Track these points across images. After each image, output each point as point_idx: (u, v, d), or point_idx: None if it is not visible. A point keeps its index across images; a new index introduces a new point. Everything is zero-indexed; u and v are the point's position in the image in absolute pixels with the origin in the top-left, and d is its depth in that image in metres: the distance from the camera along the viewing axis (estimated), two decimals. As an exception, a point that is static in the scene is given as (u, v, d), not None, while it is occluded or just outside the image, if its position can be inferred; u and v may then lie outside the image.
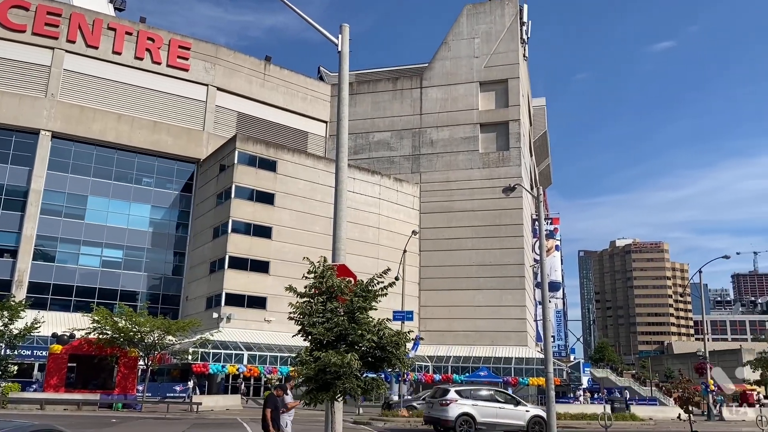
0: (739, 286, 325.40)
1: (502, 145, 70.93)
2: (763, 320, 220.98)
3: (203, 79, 68.82)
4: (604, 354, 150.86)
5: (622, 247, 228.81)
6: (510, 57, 72.92)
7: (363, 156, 73.26)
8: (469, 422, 25.92)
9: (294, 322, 12.12)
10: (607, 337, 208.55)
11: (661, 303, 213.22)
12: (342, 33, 14.74)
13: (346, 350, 11.20)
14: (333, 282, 11.76)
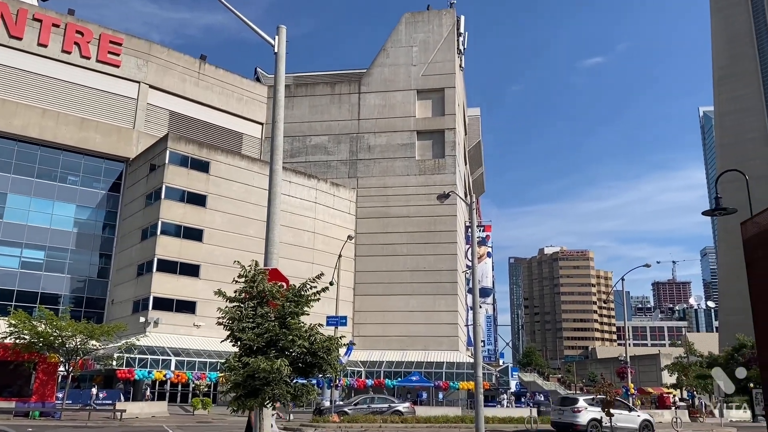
0: (659, 293, 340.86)
1: (438, 152, 71.90)
2: (680, 326, 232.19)
3: (135, 76, 66.71)
4: (531, 358, 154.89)
5: (550, 254, 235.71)
6: (447, 66, 74.08)
7: (300, 159, 72.73)
8: (597, 426, 29.72)
9: (223, 328, 11.88)
10: (535, 342, 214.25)
11: (586, 309, 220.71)
12: (279, 34, 14.60)
13: (276, 356, 11.03)
14: (264, 286, 11.57)
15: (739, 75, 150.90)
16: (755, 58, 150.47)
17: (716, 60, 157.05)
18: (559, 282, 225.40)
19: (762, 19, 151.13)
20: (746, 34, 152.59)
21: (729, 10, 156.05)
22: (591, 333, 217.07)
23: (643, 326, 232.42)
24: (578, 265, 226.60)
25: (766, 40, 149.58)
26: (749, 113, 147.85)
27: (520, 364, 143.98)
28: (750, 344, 56.10)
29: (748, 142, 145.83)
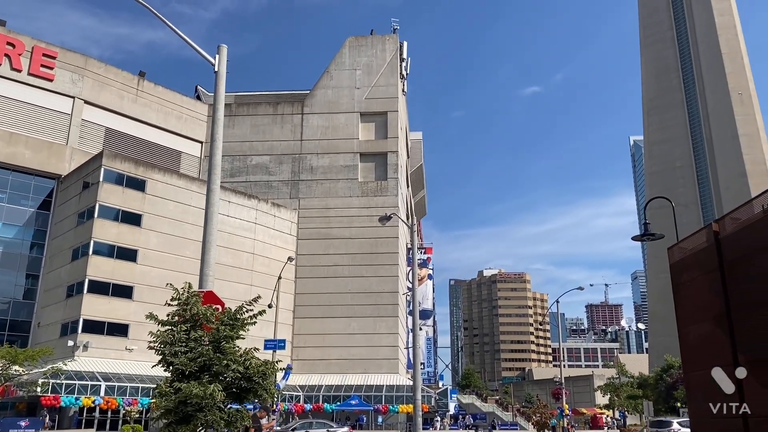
0: (592, 315, 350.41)
1: (381, 174, 72.30)
2: (613, 348, 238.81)
3: (69, 90, 64.55)
4: (470, 380, 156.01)
5: (489, 276, 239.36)
6: (390, 90, 74.90)
7: (240, 179, 71.74)
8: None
9: (155, 352, 11.47)
10: (474, 364, 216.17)
11: (523, 331, 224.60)
12: (220, 53, 14.47)
13: (210, 381, 10.72)
14: (198, 309, 11.27)
15: (666, 106, 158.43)
16: (681, 90, 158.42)
17: (645, 92, 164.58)
18: (497, 304, 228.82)
19: (687, 54, 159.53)
20: (673, 69, 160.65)
21: (656, 45, 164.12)
22: (528, 354, 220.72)
23: (578, 347, 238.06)
24: (516, 287, 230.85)
25: (690, 74, 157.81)
26: (676, 143, 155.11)
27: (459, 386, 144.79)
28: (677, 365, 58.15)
29: (675, 170, 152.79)
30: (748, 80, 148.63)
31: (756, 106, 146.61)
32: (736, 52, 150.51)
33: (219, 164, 13.54)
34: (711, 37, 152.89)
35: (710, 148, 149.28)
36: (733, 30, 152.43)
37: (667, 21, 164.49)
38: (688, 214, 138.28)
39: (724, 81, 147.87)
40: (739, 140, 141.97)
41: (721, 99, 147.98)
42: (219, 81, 14.18)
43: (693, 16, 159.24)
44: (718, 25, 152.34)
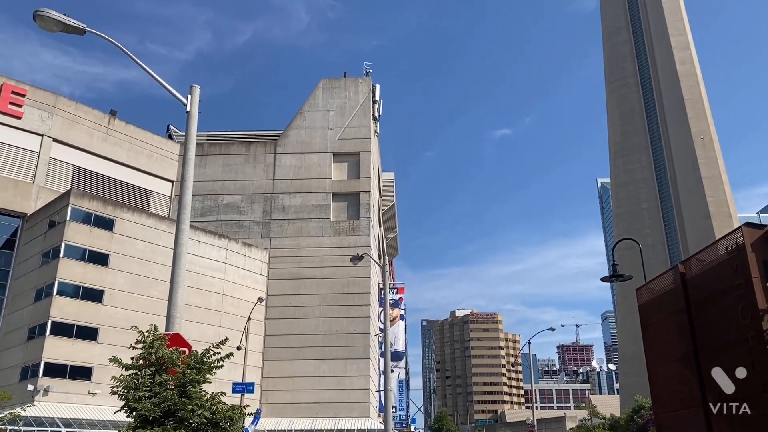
0: (564, 356, 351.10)
1: (353, 214, 72.35)
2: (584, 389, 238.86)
3: (38, 128, 63.77)
4: (443, 423, 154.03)
5: (461, 317, 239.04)
6: (362, 131, 75.59)
7: (211, 218, 71.11)
8: None
9: (118, 397, 11.11)
10: (447, 406, 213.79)
11: (496, 372, 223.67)
12: (192, 94, 14.49)
13: (175, 427, 10.38)
14: (163, 353, 10.98)
15: (632, 149, 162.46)
16: (646, 134, 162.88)
17: (611, 135, 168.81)
18: (469, 345, 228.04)
19: (651, 100, 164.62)
20: (638, 113, 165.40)
21: (621, 91, 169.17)
22: (500, 396, 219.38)
23: (550, 389, 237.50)
24: (488, 328, 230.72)
25: (654, 119, 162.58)
26: (642, 185, 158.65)
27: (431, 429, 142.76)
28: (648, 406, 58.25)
29: (642, 212, 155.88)
30: (709, 125, 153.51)
31: (717, 150, 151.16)
32: (697, 98, 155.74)
33: (189, 204, 13.42)
34: (673, 83, 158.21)
35: (675, 190, 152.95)
36: (694, 77, 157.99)
37: (631, 68, 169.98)
38: (655, 255, 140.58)
39: (687, 126, 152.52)
40: (702, 183, 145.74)
41: (684, 143, 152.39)
42: (191, 121, 14.16)
43: (656, 63, 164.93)
44: (679, 72, 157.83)
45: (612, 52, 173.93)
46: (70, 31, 13.23)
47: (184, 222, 13.04)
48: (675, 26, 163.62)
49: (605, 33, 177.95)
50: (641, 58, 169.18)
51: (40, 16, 12.62)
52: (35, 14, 12.58)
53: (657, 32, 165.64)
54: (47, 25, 12.78)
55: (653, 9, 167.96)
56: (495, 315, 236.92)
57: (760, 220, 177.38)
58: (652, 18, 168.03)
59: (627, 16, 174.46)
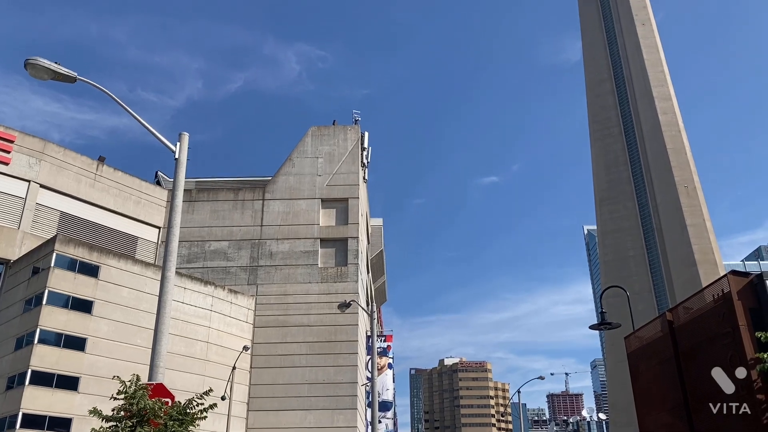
0: (554, 405, 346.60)
1: (341, 260, 72.10)
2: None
3: (25, 174, 63.62)
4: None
5: (450, 365, 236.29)
6: (351, 178, 76.05)
7: (197, 265, 70.55)
8: None
9: (96, 450, 10.79)
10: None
11: (485, 423, 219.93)
12: (181, 141, 14.56)
13: (155, 481, 10.07)
14: (145, 404, 10.73)
15: (617, 197, 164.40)
16: (631, 182, 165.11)
17: (597, 183, 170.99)
18: (458, 394, 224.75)
19: (635, 149, 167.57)
20: (622, 162, 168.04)
21: (605, 140, 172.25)
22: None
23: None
24: (477, 376, 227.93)
25: (639, 167, 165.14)
26: (628, 232, 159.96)
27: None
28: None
29: (628, 259, 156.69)
30: (692, 173, 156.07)
31: (701, 198, 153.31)
32: (680, 147, 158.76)
33: (175, 251, 13.34)
34: (656, 133, 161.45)
35: (661, 238, 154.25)
36: (676, 127, 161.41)
37: (614, 117, 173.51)
38: (642, 302, 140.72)
39: (671, 174, 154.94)
40: (687, 230, 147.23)
41: (668, 191, 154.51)
42: (179, 168, 14.20)
43: (639, 113, 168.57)
44: (662, 122, 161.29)
45: (595, 102, 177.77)
46: (61, 79, 13.34)
47: (170, 269, 12.92)
48: (656, 77, 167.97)
49: (588, 84, 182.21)
50: (624, 108, 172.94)
51: (31, 65, 12.73)
52: (26, 62, 12.70)
53: (639, 83, 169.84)
54: (38, 73, 12.88)
55: (635, 61, 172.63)
56: (484, 363, 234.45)
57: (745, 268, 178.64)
58: (633, 70, 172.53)
59: (610, 68, 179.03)
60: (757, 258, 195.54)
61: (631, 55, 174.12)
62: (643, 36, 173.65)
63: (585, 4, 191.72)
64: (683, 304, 11.45)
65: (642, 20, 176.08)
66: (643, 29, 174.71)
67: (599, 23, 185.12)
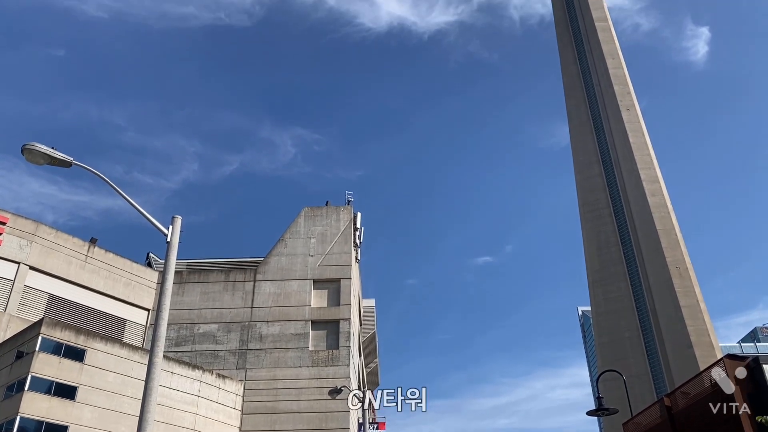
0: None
1: (332, 343, 70.89)
2: None
3: (16, 256, 63.27)
4: None
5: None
6: (343, 258, 75.99)
7: (186, 348, 69.15)
8: None
9: None
10: None
11: None
12: (173, 224, 14.63)
13: None
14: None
15: (610, 278, 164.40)
16: (623, 263, 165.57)
17: (589, 264, 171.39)
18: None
19: (625, 230, 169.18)
20: (613, 243, 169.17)
21: (595, 222, 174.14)
22: None
23: None
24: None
25: (630, 248, 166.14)
26: (622, 314, 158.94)
27: None
28: None
29: (624, 341, 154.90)
30: (683, 254, 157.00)
31: (693, 279, 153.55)
32: (669, 228, 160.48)
33: (163, 336, 13.13)
34: (645, 214, 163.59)
35: (655, 319, 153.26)
36: (665, 208, 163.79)
37: (604, 199, 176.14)
38: (640, 385, 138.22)
39: (662, 255, 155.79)
40: (681, 311, 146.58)
41: (660, 272, 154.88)
42: (170, 251, 14.19)
43: (627, 195, 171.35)
44: (650, 204, 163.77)
45: (584, 184, 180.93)
46: (57, 164, 13.54)
47: (157, 355, 12.67)
48: (643, 160, 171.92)
49: (577, 166, 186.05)
50: (613, 190, 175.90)
51: (28, 150, 12.95)
52: (24, 148, 12.92)
53: (626, 166, 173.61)
54: (34, 158, 13.07)
55: (621, 145, 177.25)
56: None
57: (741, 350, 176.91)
58: (621, 153, 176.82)
59: (597, 151, 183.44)
60: (753, 339, 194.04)
61: (618, 139, 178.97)
62: (629, 120, 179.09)
63: (570, 90, 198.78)
64: (681, 389, 11.25)
65: (627, 106, 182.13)
66: (628, 114, 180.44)
67: (585, 109, 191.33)
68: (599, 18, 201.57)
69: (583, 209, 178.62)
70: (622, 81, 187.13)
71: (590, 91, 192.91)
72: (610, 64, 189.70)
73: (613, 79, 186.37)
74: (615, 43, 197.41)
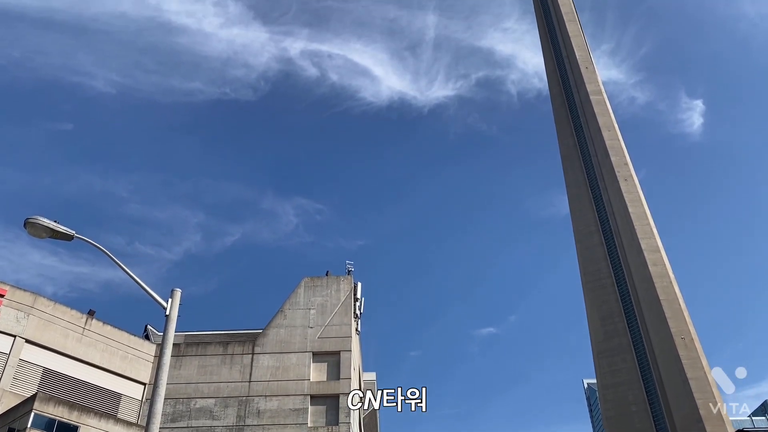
0: None
1: (332, 419, 68.98)
2: None
3: (12, 329, 62.50)
4: None
5: None
6: (343, 330, 75.02)
7: (182, 424, 67.25)
8: None
9: None
10: None
11: None
12: (173, 297, 14.54)
13: None
14: None
15: (615, 350, 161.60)
16: (627, 334, 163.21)
17: (593, 336, 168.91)
18: None
19: (628, 299, 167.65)
20: (617, 313, 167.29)
21: (598, 292, 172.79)
22: None
23: None
24: None
25: (634, 319, 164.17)
26: (629, 386, 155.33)
27: None
28: None
29: (632, 414, 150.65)
30: (688, 325, 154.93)
31: (699, 350, 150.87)
32: (672, 298, 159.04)
33: (159, 413, 12.82)
34: (648, 284, 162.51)
35: (662, 392, 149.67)
36: (668, 278, 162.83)
37: (605, 269, 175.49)
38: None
39: (666, 325, 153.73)
40: (689, 384, 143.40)
41: (665, 343, 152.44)
42: (169, 325, 14.05)
43: (629, 265, 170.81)
44: (652, 273, 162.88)
45: (585, 254, 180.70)
46: (59, 237, 13.59)
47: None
48: (643, 230, 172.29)
49: (577, 236, 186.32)
50: (614, 260, 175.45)
51: (30, 224, 13.03)
52: (26, 222, 13.01)
53: (626, 236, 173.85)
54: (37, 232, 13.15)
55: (620, 215, 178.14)
56: None
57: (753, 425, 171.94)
58: (620, 223, 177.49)
59: (597, 221, 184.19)
60: (764, 413, 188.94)
61: (617, 209, 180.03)
62: (627, 191, 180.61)
63: (568, 161, 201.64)
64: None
65: (624, 176, 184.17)
66: (626, 184, 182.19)
67: (583, 179, 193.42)
68: (594, 91, 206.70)
69: (585, 279, 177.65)
70: (619, 152, 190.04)
71: (588, 162, 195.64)
72: (606, 136, 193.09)
73: (610, 151, 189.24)
74: (610, 115, 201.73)
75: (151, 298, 14.36)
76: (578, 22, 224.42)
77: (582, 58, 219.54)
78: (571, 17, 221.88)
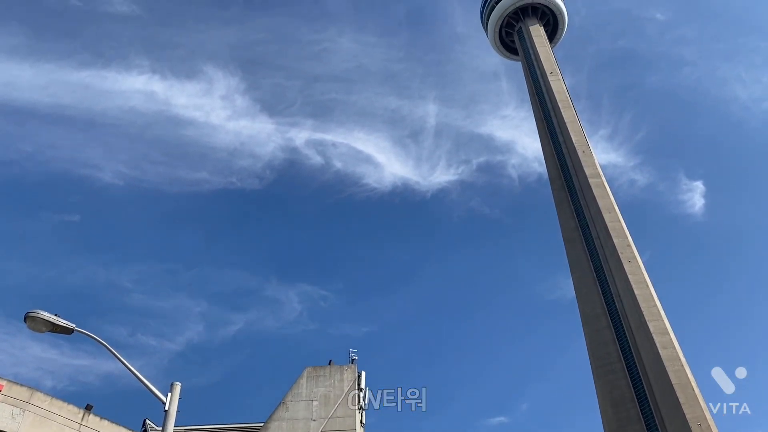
0: None
1: None
2: None
3: (7, 426, 60.34)
4: None
5: None
6: (347, 422, 72.49)
7: None
8: None
9: None
10: None
11: None
12: (172, 391, 14.22)
13: None
14: None
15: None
16: (641, 421, 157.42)
17: (606, 422, 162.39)
18: None
19: (639, 383, 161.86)
20: (628, 399, 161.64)
21: (608, 377, 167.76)
22: None
23: None
24: None
25: (646, 404, 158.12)
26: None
27: None
28: None
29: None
30: (703, 410, 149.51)
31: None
32: (685, 382, 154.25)
33: None
34: (659, 368, 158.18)
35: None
36: (679, 361, 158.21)
37: (615, 353, 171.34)
38: None
39: (681, 412, 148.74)
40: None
41: (681, 430, 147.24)
42: (168, 420, 13.67)
43: (638, 348, 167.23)
44: (663, 356, 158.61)
45: (594, 337, 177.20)
46: (59, 331, 13.46)
47: None
48: (650, 312, 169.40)
49: (584, 319, 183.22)
50: (623, 343, 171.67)
51: (31, 318, 12.94)
52: (27, 316, 12.93)
53: (633, 318, 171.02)
54: (37, 326, 13.03)
55: (626, 297, 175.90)
56: None
57: None
58: (627, 305, 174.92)
59: (603, 304, 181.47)
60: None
61: (623, 290, 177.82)
62: (631, 272, 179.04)
63: (570, 243, 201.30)
64: None
65: (628, 258, 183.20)
66: (630, 266, 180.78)
67: (587, 261, 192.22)
68: (592, 175, 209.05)
69: (595, 364, 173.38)
70: (621, 234, 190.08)
71: (590, 244, 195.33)
72: (608, 218, 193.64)
73: (612, 232, 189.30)
74: (610, 197, 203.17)
75: (150, 392, 14.03)
76: (573, 108, 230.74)
77: (579, 143, 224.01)
78: (566, 104, 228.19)
